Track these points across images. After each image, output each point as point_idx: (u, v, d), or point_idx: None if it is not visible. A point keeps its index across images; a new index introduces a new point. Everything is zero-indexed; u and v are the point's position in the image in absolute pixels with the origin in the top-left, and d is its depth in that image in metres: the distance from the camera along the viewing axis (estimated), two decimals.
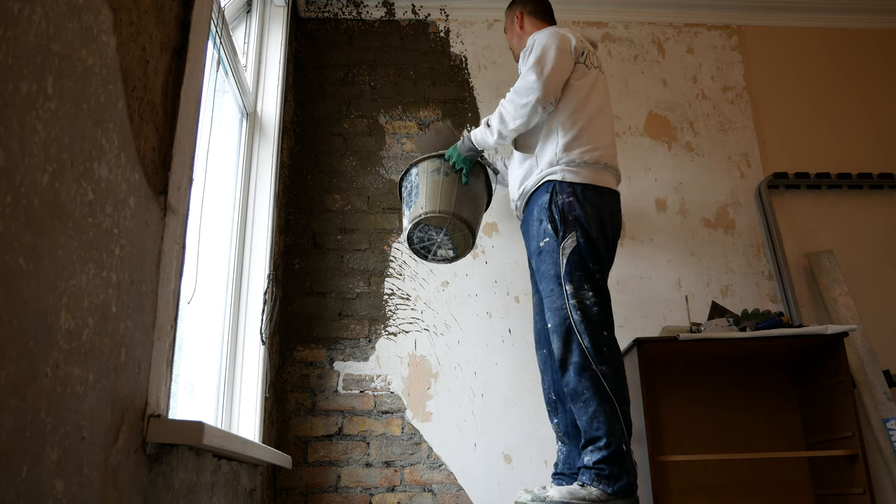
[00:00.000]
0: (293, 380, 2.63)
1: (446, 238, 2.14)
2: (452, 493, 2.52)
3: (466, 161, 2.13)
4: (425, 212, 2.09)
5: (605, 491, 1.77)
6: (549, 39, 2.06)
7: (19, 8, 0.72)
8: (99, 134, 0.93)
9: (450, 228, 2.12)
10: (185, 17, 1.30)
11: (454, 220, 2.09)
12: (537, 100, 1.97)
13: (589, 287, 1.90)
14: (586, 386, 1.83)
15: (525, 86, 1.99)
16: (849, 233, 2.96)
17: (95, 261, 0.92)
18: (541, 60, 2.01)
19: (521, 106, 1.99)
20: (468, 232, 2.14)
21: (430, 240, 2.16)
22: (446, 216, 2.08)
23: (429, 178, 2.13)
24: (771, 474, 2.56)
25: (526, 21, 2.31)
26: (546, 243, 1.96)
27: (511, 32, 2.36)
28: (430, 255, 2.23)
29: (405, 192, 2.21)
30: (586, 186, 1.97)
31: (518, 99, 2.00)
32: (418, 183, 2.15)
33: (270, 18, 2.71)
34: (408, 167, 2.21)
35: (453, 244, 2.18)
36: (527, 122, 2.01)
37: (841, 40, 3.30)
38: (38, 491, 0.76)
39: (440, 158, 2.15)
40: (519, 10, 2.33)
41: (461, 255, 2.25)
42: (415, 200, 2.13)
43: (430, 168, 2.15)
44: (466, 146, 2.12)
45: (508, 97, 2.04)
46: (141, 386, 1.08)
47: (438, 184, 2.12)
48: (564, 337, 1.88)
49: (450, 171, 2.14)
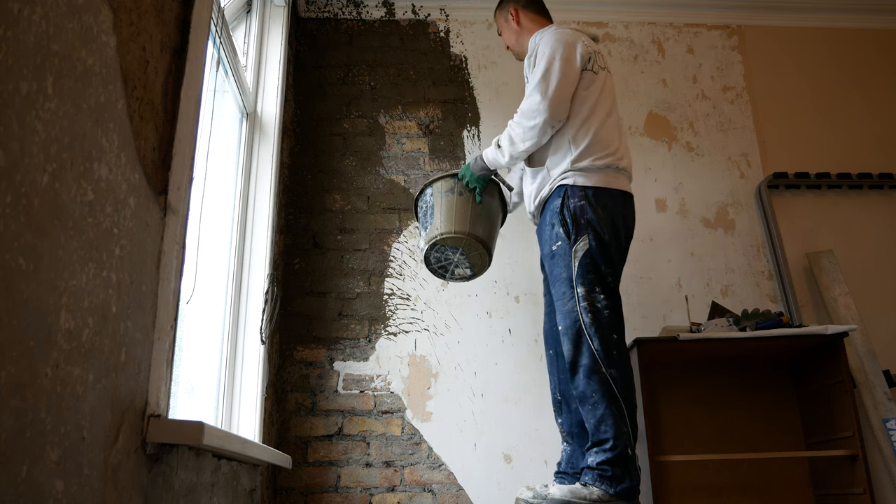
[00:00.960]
0: (293, 380, 2.63)
1: (463, 258, 2.16)
2: (452, 493, 2.52)
3: (480, 180, 2.13)
4: (441, 233, 2.10)
5: (606, 492, 1.76)
6: (554, 48, 2.02)
7: (19, 8, 0.72)
8: (99, 134, 0.93)
9: (466, 248, 2.13)
10: (185, 17, 1.30)
11: (469, 240, 2.10)
12: (545, 121, 1.96)
13: (600, 290, 1.90)
14: (595, 389, 1.82)
15: (531, 108, 1.97)
16: (849, 233, 2.96)
17: (95, 261, 0.92)
18: (546, 77, 1.98)
19: (529, 128, 1.98)
20: (484, 251, 2.15)
21: (448, 259, 2.17)
22: (462, 236, 2.09)
23: (443, 198, 2.15)
24: (771, 474, 2.56)
25: (522, 17, 2.27)
26: (558, 247, 1.96)
27: (507, 31, 2.32)
28: (448, 274, 2.25)
29: (420, 213, 2.23)
30: (598, 190, 1.96)
31: (525, 122, 1.98)
32: (433, 203, 2.16)
33: (270, 18, 2.71)
34: (422, 187, 2.22)
35: (470, 263, 2.19)
36: (537, 142, 2.00)
37: (841, 40, 3.30)
38: (38, 491, 0.76)
39: (454, 178, 2.16)
40: (512, 8, 2.29)
41: (478, 273, 2.25)
42: (430, 221, 2.15)
43: (444, 188, 2.16)
44: (479, 165, 2.11)
45: (516, 119, 2.02)
46: (141, 386, 1.08)
47: (453, 204, 2.13)
48: (575, 339, 1.88)
49: (464, 190, 2.14)
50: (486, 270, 2.26)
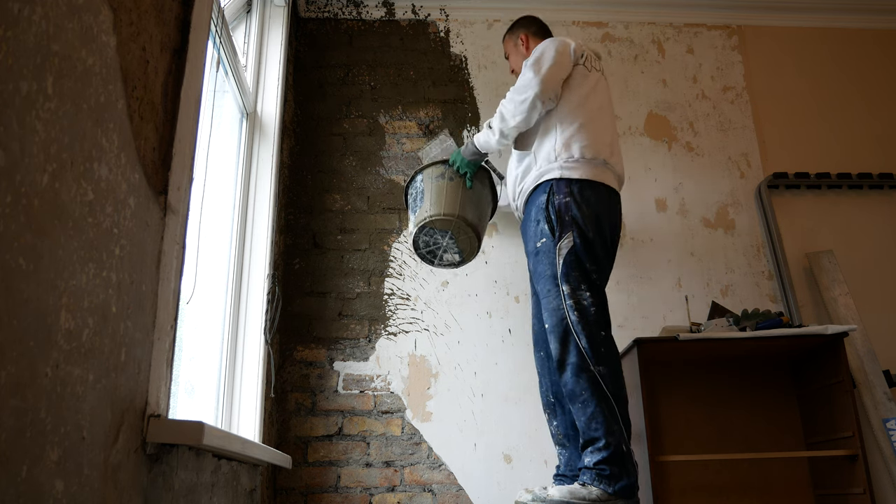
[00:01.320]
0: (293, 380, 2.63)
1: (452, 242, 2.16)
2: (452, 493, 2.52)
3: (471, 165, 2.15)
4: (430, 215, 2.11)
5: (605, 491, 1.77)
6: (548, 44, 2.11)
7: (19, 8, 0.72)
8: (99, 134, 0.93)
9: (455, 231, 2.13)
10: (185, 17, 1.30)
11: (459, 223, 2.10)
12: (536, 95, 1.99)
13: (586, 287, 1.90)
14: (584, 387, 1.83)
15: (523, 83, 2.03)
16: (849, 233, 2.96)
17: (95, 261, 0.92)
18: (539, 60, 2.05)
19: (520, 102, 2.01)
20: (473, 235, 2.15)
21: (436, 244, 2.18)
22: (451, 219, 2.10)
23: (434, 183, 2.16)
24: (771, 474, 2.56)
25: (531, 42, 2.35)
26: (543, 244, 1.96)
27: (515, 55, 2.39)
28: (437, 259, 2.25)
29: (411, 199, 2.24)
30: (584, 184, 1.97)
31: (516, 96, 2.03)
32: (423, 189, 2.17)
33: (270, 18, 2.71)
34: (413, 174, 2.23)
35: (459, 248, 2.19)
36: (527, 118, 2.02)
37: (841, 40, 3.30)
38: (38, 491, 0.76)
39: (444, 164, 2.18)
40: (523, 33, 2.37)
41: (467, 259, 2.25)
42: (420, 205, 2.16)
43: (434, 174, 2.18)
44: (470, 150, 2.14)
45: (508, 96, 2.07)
46: (141, 386, 1.08)
47: (443, 188, 2.14)
48: (562, 337, 1.88)
49: (454, 175, 2.16)
50: (475, 257, 2.27)
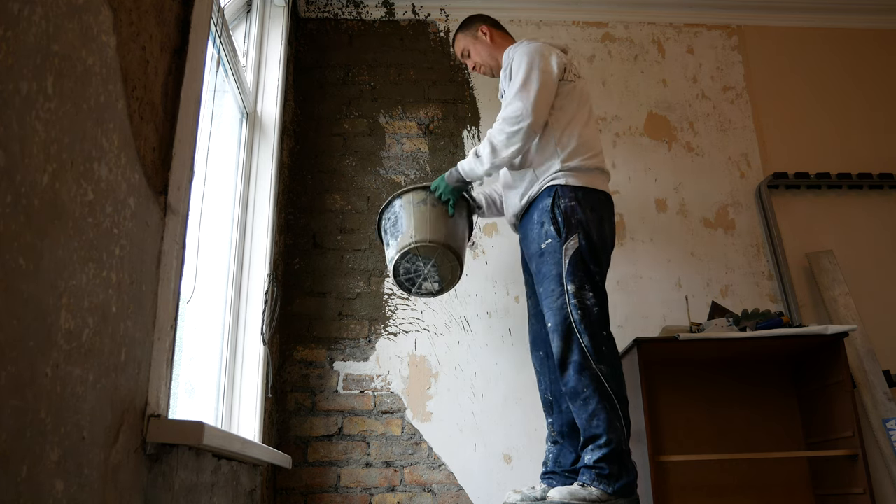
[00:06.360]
0: (293, 380, 2.62)
1: (433, 270, 2.08)
2: (452, 493, 2.52)
3: (454, 192, 2.10)
4: (415, 241, 2.02)
5: (605, 490, 1.77)
6: (532, 59, 2.03)
7: (19, 8, 0.72)
8: (99, 134, 0.93)
9: (438, 259, 2.06)
10: (185, 17, 1.30)
11: (444, 251, 2.03)
12: (529, 126, 1.96)
13: (590, 288, 1.92)
14: (586, 384, 1.84)
15: (514, 113, 1.97)
16: (849, 233, 2.96)
17: (95, 261, 0.92)
18: (526, 84, 1.99)
19: (512, 134, 1.97)
20: (457, 263, 2.09)
21: (417, 271, 2.09)
22: (436, 245, 2.02)
23: (415, 208, 2.07)
24: (771, 474, 2.56)
25: (495, 34, 2.31)
26: (548, 244, 1.97)
27: (480, 46, 2.31)
28: (415, 287, 2.16)
29: (388, 224, 2.13)
30: (587, 191, 2.00)
31: (508, 127, 1.98)
32: (403, 214, 2.08)
33: (270, 18, 2.71)
34: (390, 199, 2.13)
35: (440, 275, 2.11)
36: (520, 148, 1.99)
37: (841, 40, 3.30)
38: (38, 491, 0.76)
39: (426, 190, 2.10)
40: (483, 26, 2.32)
41: (446, 288, 2.18)
42: (401, 231, 2.06)
43: (415, 199, 2.09)
44: (455, 177, 2.08)
45: (497, 126, 2.00)
46: (141, 386, 1.08)
47: (426, 214, 2.05)
48: (565, 336, 1.89)
49: (436, 202, 2.08)
50: (455, 286, 2.20)
